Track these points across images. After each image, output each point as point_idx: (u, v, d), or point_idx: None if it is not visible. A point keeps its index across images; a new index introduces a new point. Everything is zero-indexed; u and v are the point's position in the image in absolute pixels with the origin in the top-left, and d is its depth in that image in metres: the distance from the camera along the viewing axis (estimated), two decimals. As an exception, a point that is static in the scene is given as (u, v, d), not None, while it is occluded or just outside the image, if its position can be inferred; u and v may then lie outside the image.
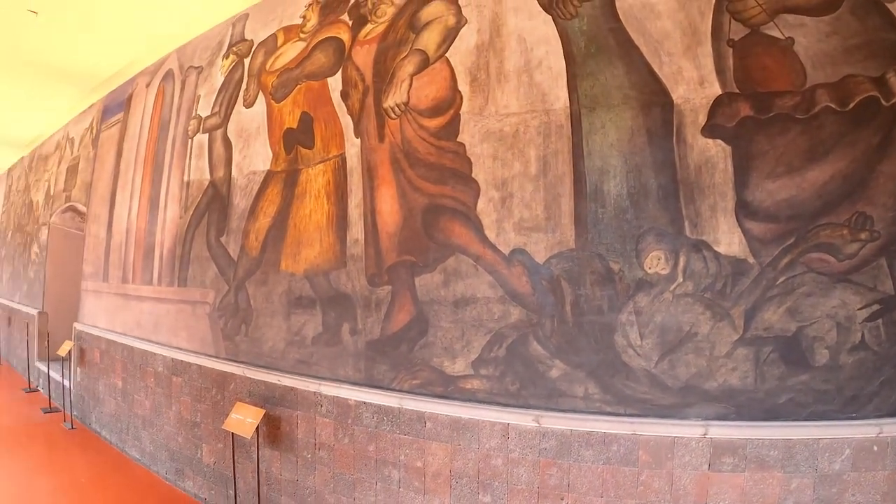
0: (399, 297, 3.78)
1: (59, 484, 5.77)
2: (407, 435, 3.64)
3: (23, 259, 12.15)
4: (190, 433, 5.53)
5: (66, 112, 9.97)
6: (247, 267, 4.96)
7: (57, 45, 7.06)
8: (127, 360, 6.66)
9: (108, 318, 7.34)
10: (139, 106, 7.32)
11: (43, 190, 11.30)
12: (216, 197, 5.45)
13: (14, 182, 14.66)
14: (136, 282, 6.62)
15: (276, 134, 4.87)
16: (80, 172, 9.11)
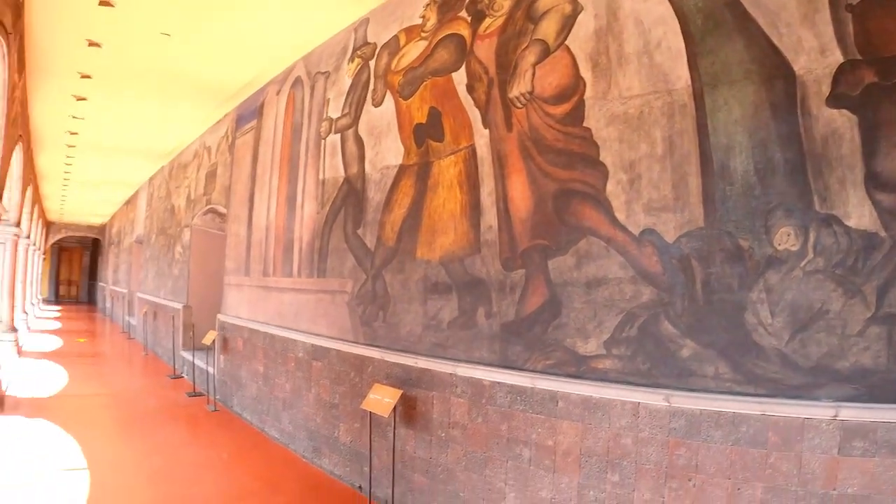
0: (533, 280, 3.97)
1: (203, 458, 6.58)
2: (539, 414, 3.83)
3: (167, 259, 13.56)
4: (328, 414, 6.09)
5: (202, 123, 11.11)
6: (384, 256, 5.38)
7: (190, 63, 7.96)
8: (268, 347, 7.39)
9: (249, 309, 8.17)
10: (271, 112, 8.08)
11: (184, 195, 12.54)
12: (351, 192, 5.95)
13: (155, 190, 16.25)
14: (276, 275, 7.34)
15: (407, 129, 5.26)
16: (219, 177, 10.11)
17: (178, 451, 6.86)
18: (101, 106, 10.05)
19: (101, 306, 30.19)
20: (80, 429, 7.47)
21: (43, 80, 8.91)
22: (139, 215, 18.90)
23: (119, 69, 8.29)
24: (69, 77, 8.69)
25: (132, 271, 19.77)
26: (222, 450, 6.87)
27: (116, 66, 8.13)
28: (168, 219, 14.07)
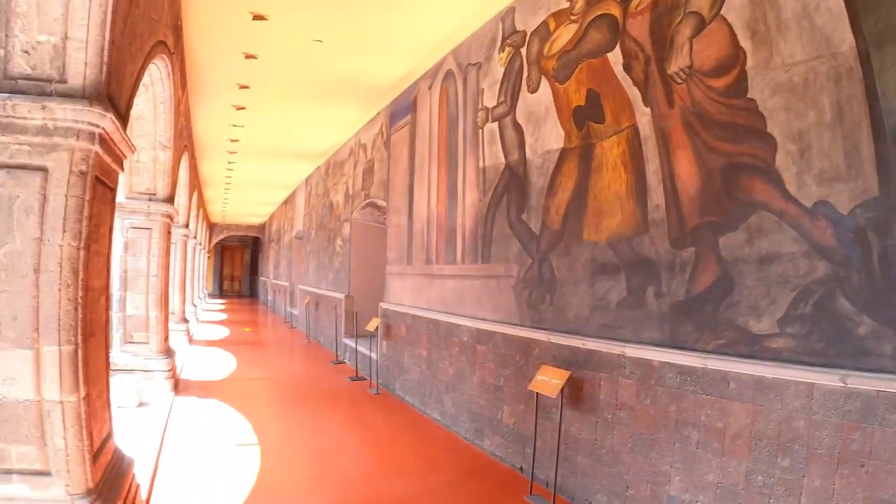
0: (703, 257, 4.00)
1: (366, 437, 7.19)
2: (709, 395, 3.84)
3: (327, 252, 14.61)
4: (492, 396, 6.42)
5: (355, 122, 11.92)
6: (549, 240, 5.58)
7: (342, 66, 8.62)
8: (432, 332, 7.89)
9: (412, 297, 8.73)
10: (425, 107, 8.56)
11: (341, 191, 13.45)
12: (513, 178, 6.22)
13: (313, 188, 17.43)
14: (439, 262, 7.80)
15: (566, 113, 5.43)
16: (376, 172, 10.80)
17: (341, 430, 7.54)
18: (258, 113, 11.09)
19: (263, 299, 32.76)
20: (250, 409, 8.46)
21: (204, 93, 10.04)
22: (298, 213, 20.35)
23: (275, 77, 9.16)
24: (228, 89, 9.72)
25: (293, 265, 21.33)
26: (385, 430, 7.45)
27: (272, 74, 9.00)
28: (327, 214, 15.15)
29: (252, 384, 10.64)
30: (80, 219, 3.51)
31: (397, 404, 8.78)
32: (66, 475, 3.53)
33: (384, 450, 6.69)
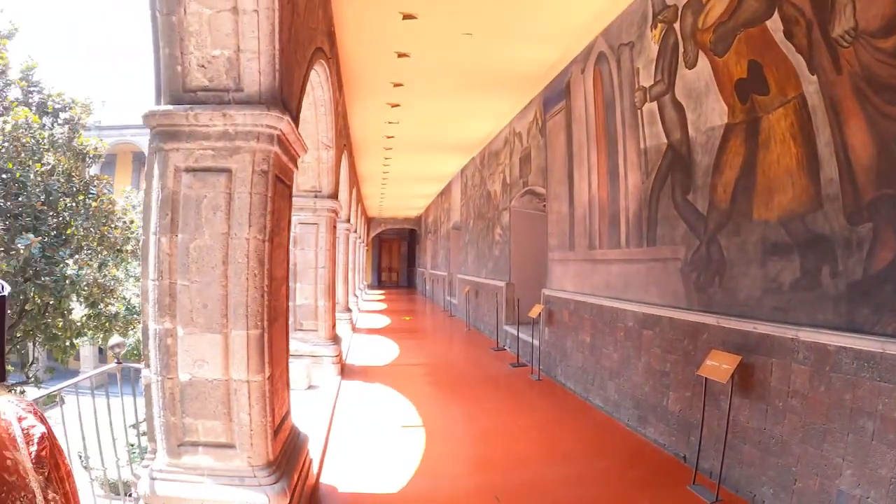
0: (881, 233, 3.75)
1: (528, 422, 7.34)
2: (887, 382, 3.60)
3: (486, 241, 14.92)
4: (658, 382, 6.36)
5: (508, 111, 12.11)
6: (717, 220, 5.44)
7: (492, 57, 8.81)
8: (596, 317, 7.90)
9: (575, 282, 8.78)
10: (579, 91, 8.57)
11: (499, 181, 13.70)
12: (676, 158, 6.11)
13: (468, 179, 17.81)
14: (602, 247, 7.80)
15: (727, 87, 5.27)
16: (533, 160, 10.94)
17: (502, 415, 7.75)
18: (412, 109, 11.55)
19: (421, 289, 33.87)
20: (413, 393, 8.92)
21: (359, 93, 10.63)
22: (454, 204, 20.87)
23: (427, 73, 9.54)
24: (383, 87, 10.24)
25: (451, 255, 21.89)
26: (546, 415, 7.58)
27: (425, 71, 9.39)
28: (485, 204, 15.47)
29: (414, 370, 11.18)
30: (264, 214, 3.93)
31: (559, 390, 8.90)
32: (248, 448, 3.95)
33: (545, 435, 6.83)
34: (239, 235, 3.85)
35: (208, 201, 3.86)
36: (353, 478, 5.53)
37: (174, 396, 3.96)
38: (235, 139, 3.86)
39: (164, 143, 3.93)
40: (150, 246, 3.96)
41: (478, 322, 16.12)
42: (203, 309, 3.87)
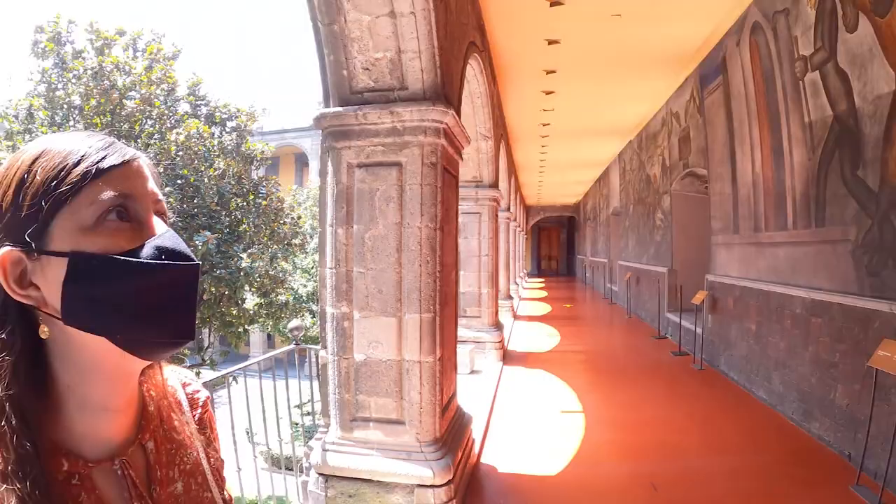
0: None
1: (687, 412, 7.21)
2: None
3: (647, 226, 14.62)
4: (825, 374, 6.01)
5: (664, 92, 11.82)
6: (890, 197, 5.03)
7: (643, 37, 8.67)
8: (762, 304, 7.57)
9: (740, 267, 8.45)
10: (735, 65, 8.25)
11: (658, 163, 13.40)
12: (843, 131, 5.71)
13: (626, 163, 17.52)
14: (768, 229, 7.44)
15: (893, 50, 4.90)
16: (693, 140, 10.61)
17: (661, 403, 7.67)
18: (566, 95, 11.53)
19: (580, 276, 33.55)
20: (573, 379, 9.00)
21: (513, 83, 10.76)
22: (612, 189, 20.58)
23: (579, 58, 9.52)
24: (535, 76, 10.31)
25: (610, 241, 21.59)
26: (707, 406, 7.41)
27: (576, 56, 9.37)
28: (644, 188, 15.15)
29: (574, 356, 11.22)
30: (435, 203, 4.24)
31: (721, 381, 8.64)
32: (417, 425, 4.27)
33: (705, 426, 6.72)
34: (411, 224, 4.17)
35: (381, 193, 4.22)
36: (512, 459, 5.73)
37: (349, 375, 4.36)
38: (404, 134, 4.19)
39: (336, 142, 4.32)
40: (327, 237, 4.37)
41: (639, 309, 15.84)
42: (378, 294, 4.23)
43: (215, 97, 15.95)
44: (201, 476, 1.01)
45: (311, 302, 21.68)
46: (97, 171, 0.79)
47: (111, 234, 0.78)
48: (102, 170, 0.79)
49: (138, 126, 13.52)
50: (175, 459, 0.97)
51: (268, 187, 15.62)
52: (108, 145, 0.83)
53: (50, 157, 0.79)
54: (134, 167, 0.84)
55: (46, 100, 13.30)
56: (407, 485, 4.18)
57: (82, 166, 0.78)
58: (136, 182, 0.83)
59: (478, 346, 9.43)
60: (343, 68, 4.32)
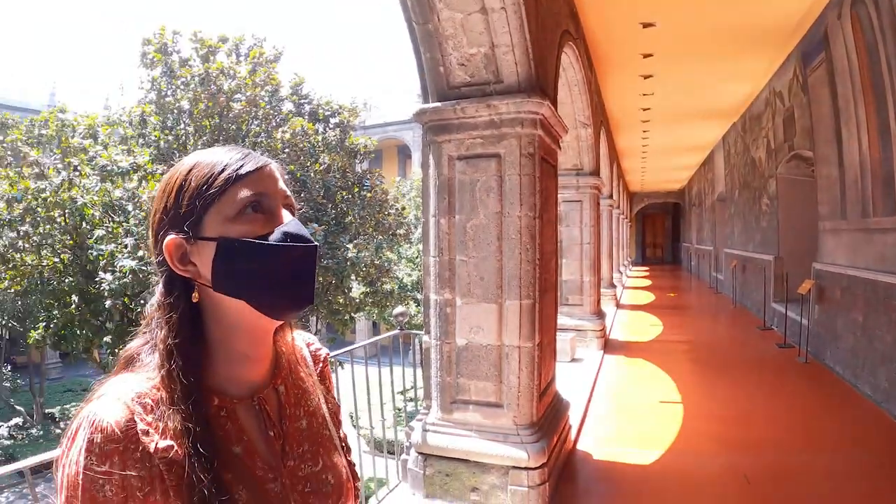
0: None
1: (788, 407, 7.11)
2: None
3: (753, 212, 14.26)
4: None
5: (765, 70, 11.50)
6: None
7: (740, 13, 8.45)
8: (869, 294, 7.28)
9: (847, 255, 8.14)
10: (838, 40, 7.99)
11: (762, 146, 13.03)
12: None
13: (731, 146, 17.08)
14: (876, 214, 7.15)
15: None
16: (797, 120, 10.30)
17: (762, 397, 7.58)
18: (665, 78, 11.36)
19: (686, 265, 32.81)
20: (673, 369, 8.98)
21: (610, 69, 10.71)
22: (717, 174, 20.07)
23: (675, 40, 9.39)
24: (632, 60, 10.23)
25: (716, 228, 21.06)
26: (809, 402, 7.24)
27: (673, 37, 9.25)
28: (749, 172, 14.73)
29: (676, 347, 11.16)
30: (533, 193, 4.43)
31: (826, 375, 8.38)
32: (514, 408, 4.47)
33: (806, 421, 6.58)
34: (511, 214, 4.37)
35: (481, 184, 4.44)
36: (608, 447, 5.87)
37: (451, 359, 4.60)
38: (501, 127, 4.39)
39: (436, 136, 4.57)
40: (430, 227, 4.63)
41: (744, 299, 15.42)
42: (480, 281, 4.46)
43: (317, 95, 16.60)
44: (321, 417, 1.28)
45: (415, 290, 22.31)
46: (237, 176, 1.06)
47: (248, 222, 1.04)
48: (241, 175, 1.06)
49: (245, 126, 14.33)
50: (301, 402, 1.24)
51: (372, 180, 16.19)
52: (245, 156, 1.10)
53: (201, 168, 1.07)
54: (266, 171, 1.10)
55: (157, 106, 14.32)
56: (502, 466, 4.36)
57: (225, 174, 1.05)
58: (268, 182, 1.09)
59: (579, 334, 9.53)
60: (439, 65, 4.54)
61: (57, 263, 12.91)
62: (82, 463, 0.92)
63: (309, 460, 1.19)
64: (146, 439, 0.95)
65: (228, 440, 1.07)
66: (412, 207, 24.56)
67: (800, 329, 9.67)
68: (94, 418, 0.94)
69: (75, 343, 13.00)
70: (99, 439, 0.92)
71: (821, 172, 9.19)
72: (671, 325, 13.64)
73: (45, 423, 23.10)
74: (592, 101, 9.43)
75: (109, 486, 0.92)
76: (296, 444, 1.18)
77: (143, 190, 11.90)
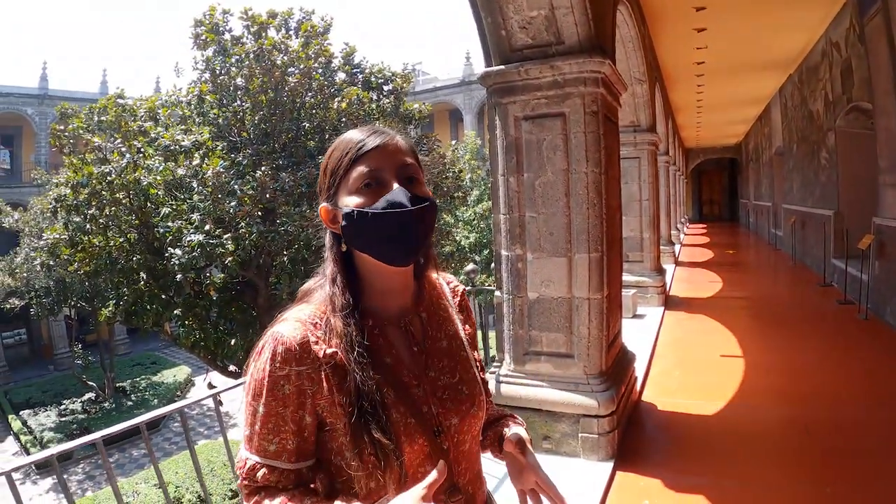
0: None
1: (847, 362, 7.19)
2: None
3: (812, 167, 14.11)
4: None
5: (821, 20, 11.34)
6: None
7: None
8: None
9: (906, 209, 8.03)
10: (897, -15, 7.80)
11: (820, 99, 12.87)
12: None
13: (788, 99, 16.83)
14: (936, 167, 6.99)
15: None
16: (855, 71, 10.21)
17: (822, 352, 7.66)
18: (719, 31, 11.24)
19: (744, 221, 32.36)
20: (733, 325, 9.14)
21: (662, 24, 10.66)
22: (775, 128, 19.75)
23: (729, -10, 9.23)
24: (685, 14, 10.15)
25: (774, 184, 20.78)
26: (867, 357, 7.31)
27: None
28: (807, 126, 14.54)
29: (735, 303, 11.31)
30: (598, 150, 4.62)
31: (886, 331, 8.39)
32: (584, 358, 4.72)
33: (865, 376, 6.65)
34: (578, 171, 4.58)
35: (548, 143, 4.66)
36: (671, 398, 6.14)
37: (523, 312, 4.88)
38: (564, 87, 4.58)
39: (501, 98, 4.80)
40: (499, 185, 4.88)
41: (804, 256, 15.29)
42: (549, 236, 4.71)
43: (369, 62, 16.82)
44: (460, 340, 1.61)
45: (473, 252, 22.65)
46: (356, 157, 1.38)
47: (364, 195, 1.36)
48: (360, 156, 1.38)
49: (300, 99, 14.63)
50: (442, 326, 1.58)
51: (429, 144, 16.38)
52: (369, 135, 1.41)
53: (336, 150, 1.42)
54: (383, 148, 1.37)
55: (213, 85, 14.74)
56: (573, 414, 4.61)
57: (349, 156, 1.39)
58: (382, 158, 1.36)
59: (640, 290, 9.72)
60: (501, 29, 4.72)
61: (124, 243, 13.58)
62: (268, 369, 1.30)
63: (447, 373, 1.49)
64: (316, 348, 1.32)
65: (380, 352, 1.39)
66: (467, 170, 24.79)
67: (860, 285, 9.66)
68: (277, 335, 1.32)
69: (145, 318, 13.70)
70: (281, 350, 1.29)
71: (880, 125, 9.14)
72: (730, 281, 13.72)
73: (117, 396, 24.37)
74: (647, 57, 9.48)
75: (288, 386, 1.30)
76: (436, 359, 1.49)
77: (206, 166, 12.37)
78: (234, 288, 14.65)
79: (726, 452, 4.92)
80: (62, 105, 17.48)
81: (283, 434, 1.29)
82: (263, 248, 13.18)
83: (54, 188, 14.82)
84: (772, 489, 4.23)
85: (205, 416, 22.64)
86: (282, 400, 1.28)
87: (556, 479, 1.52)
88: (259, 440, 1.30)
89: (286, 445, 1.30)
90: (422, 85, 39.59)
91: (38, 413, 23.13)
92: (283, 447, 1.30)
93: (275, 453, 1.30)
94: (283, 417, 1.29)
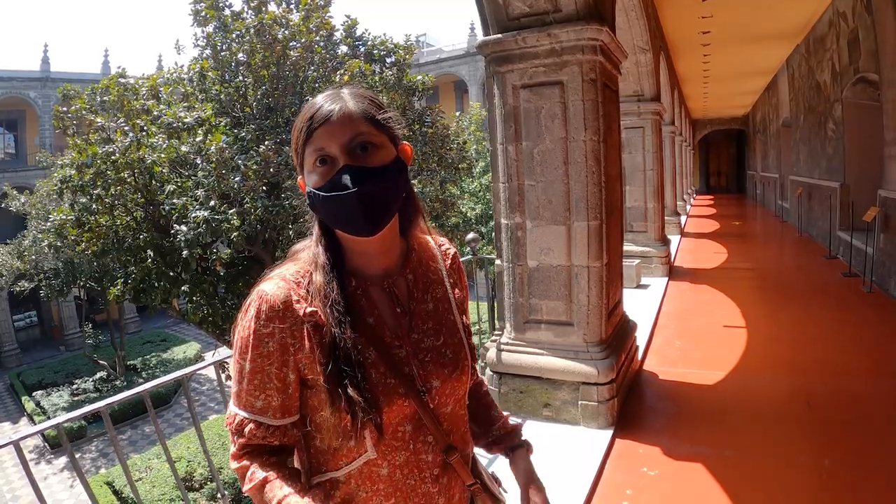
0: None
1: (851, 334, 7.21)
2: None
3: (818, 138, 14.00)
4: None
5: (827, -10, 10.96)
6: None
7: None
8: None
9: (910, 181, 7.95)
10: (901, -44, 7.68)
11: (827, 69, 12.76)
12: None
13: (795, 70, 16.69)
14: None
15: None
16: (862, 42, 10.07)
17: (826, 324, 7.68)
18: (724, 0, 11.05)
19: (751, 193, 32.21)
20: (737, 296, 9.16)
21: (667, -8, 10.40)
22: (782, 99, 19.60)
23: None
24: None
25: (782, 155, 20.65)
26: (871, 332, 7.29)
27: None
28: (814, 97, 14.41)
29: (740, 274, 11.34)
30: (597, 117, 4.60)
31: (890, 305, 8.39)
32: (584, 326, 4.76)
33: (869, 349, 6.65)
34: (576, 138, 4.57)
35: (546, 111, 4.64)
36: (673, 367, 6.20)
37: (523, 280, 4.91)
38: (562, 55, 4.56)
39: (499, 67, 4.78)
40: (498, 154, 4.88)
41: (810, 227, 15.24)
42: (548, 204, 4.71)
43: (371, 35, 16.72)
44: (447, 303, 1.61)
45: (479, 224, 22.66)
46: (307, 135, 1.37)
47: (317, 174, 1.37)
48: (310, 136, 1.37)
49: (302, 73, 14.58)
50: (429, 289, 1.59)
51: (432, 116, 16.31)
52: (318, 108, 1.35)
53: (295, 126, 1.40)
54: (332, 122, 1.32)
55: (214, 61, 14.69)
56: (573, 382, 4.66)
57: (302, 134, 1.38)
58: (331, 133, 1.32)
59: (644, 260, 9.73)
60: (499, -4, 4.69)
61: (130, 222, 13.65)
62: (253, 326, 1.33)
63: (431, 336, 1.50)
64: (298, 307, 1.34)
65: (363, 312, 1.41)
66: (472, 141, 24.73)
67: (865, 258, 9.62)
68: (261, 293, 1.35)
69: (154, 295, 13.76)
70: (265, 308, 1.33)
71: (887, 96, 9.04)
72: (735, 252, 13.73)
73: (128, 374, 24.57)
74: (650, 25, 9.38)
75: (272, 342, 1.33)
76: (421, 321, 1.50)
77: (209, 143, 12.37)
78: (241, 263, 14.68)
79: (726, 422, 4.97)
80: (65, 87, 17.42)
81: (268, 391, 1.33)
82: (269, 222, 13.17)
83: (59, 170, 14.81)
84: (771, 458, 4.27)
85: (215, 392, 22.83)
86: (266, 357, 1.31)
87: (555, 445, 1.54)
88: (246, 396, 1.34)
89: (271, 402, 1.34)
90: (426, 56, 39.49)
91: (51, 394, 23.38)
92: (269, 403, 1.33)
93: (261, 409, 1.34)
94: (268, 374, 1.32)
